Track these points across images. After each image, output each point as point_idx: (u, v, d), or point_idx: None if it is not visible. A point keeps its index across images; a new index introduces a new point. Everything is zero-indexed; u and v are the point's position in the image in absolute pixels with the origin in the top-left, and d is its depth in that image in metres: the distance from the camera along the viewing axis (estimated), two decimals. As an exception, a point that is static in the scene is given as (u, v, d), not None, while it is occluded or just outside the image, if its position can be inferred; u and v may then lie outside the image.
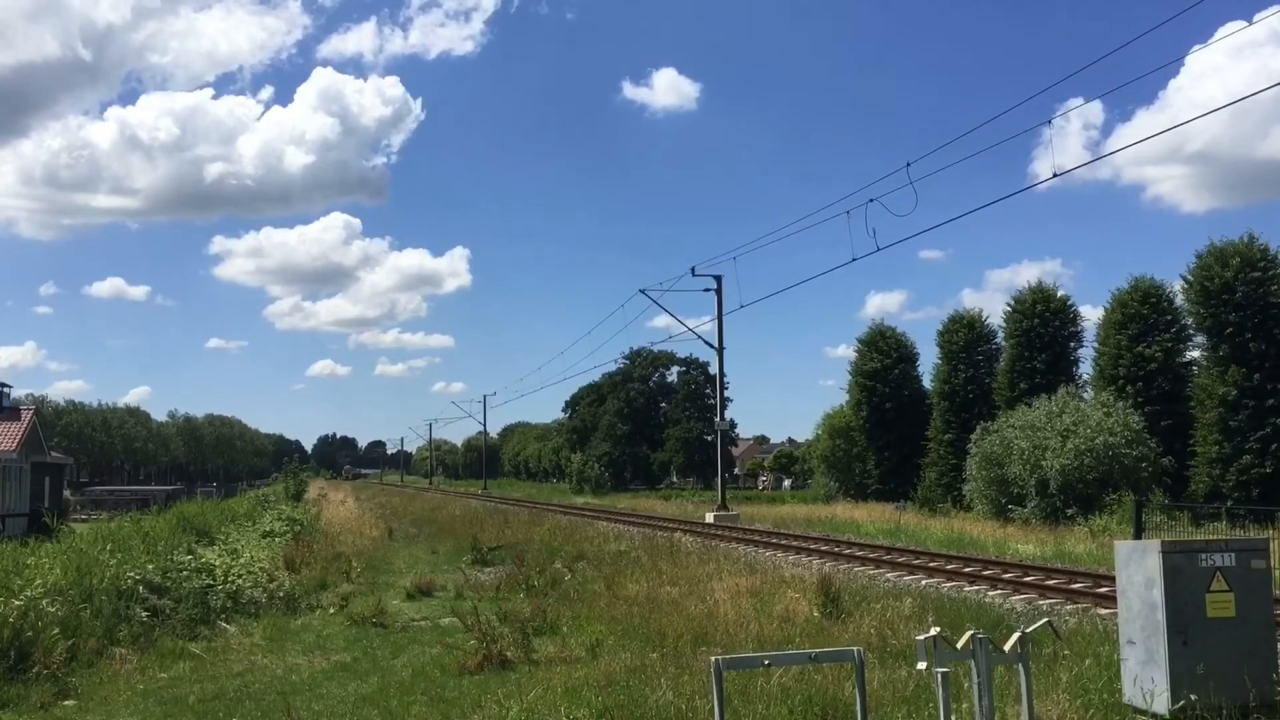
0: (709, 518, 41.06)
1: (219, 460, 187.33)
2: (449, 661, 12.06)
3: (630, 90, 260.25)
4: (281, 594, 18.03)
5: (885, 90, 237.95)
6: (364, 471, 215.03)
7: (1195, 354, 41.86)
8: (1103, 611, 14.49)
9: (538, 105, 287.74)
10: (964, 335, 51.96)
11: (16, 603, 12.92)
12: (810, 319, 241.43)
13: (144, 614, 14.97)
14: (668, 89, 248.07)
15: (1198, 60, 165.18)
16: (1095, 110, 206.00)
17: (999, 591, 17.83)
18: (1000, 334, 50.40)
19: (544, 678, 10.79)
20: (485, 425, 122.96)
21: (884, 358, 58.31)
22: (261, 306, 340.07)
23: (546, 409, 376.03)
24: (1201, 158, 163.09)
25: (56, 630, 12.77)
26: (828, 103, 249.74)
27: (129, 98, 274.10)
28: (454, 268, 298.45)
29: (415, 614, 17.02)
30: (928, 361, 56.88)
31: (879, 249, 26.85)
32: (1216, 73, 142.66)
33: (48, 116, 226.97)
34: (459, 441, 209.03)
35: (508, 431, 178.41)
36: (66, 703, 11.01)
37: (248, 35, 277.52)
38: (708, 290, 44.51)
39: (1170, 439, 39.14)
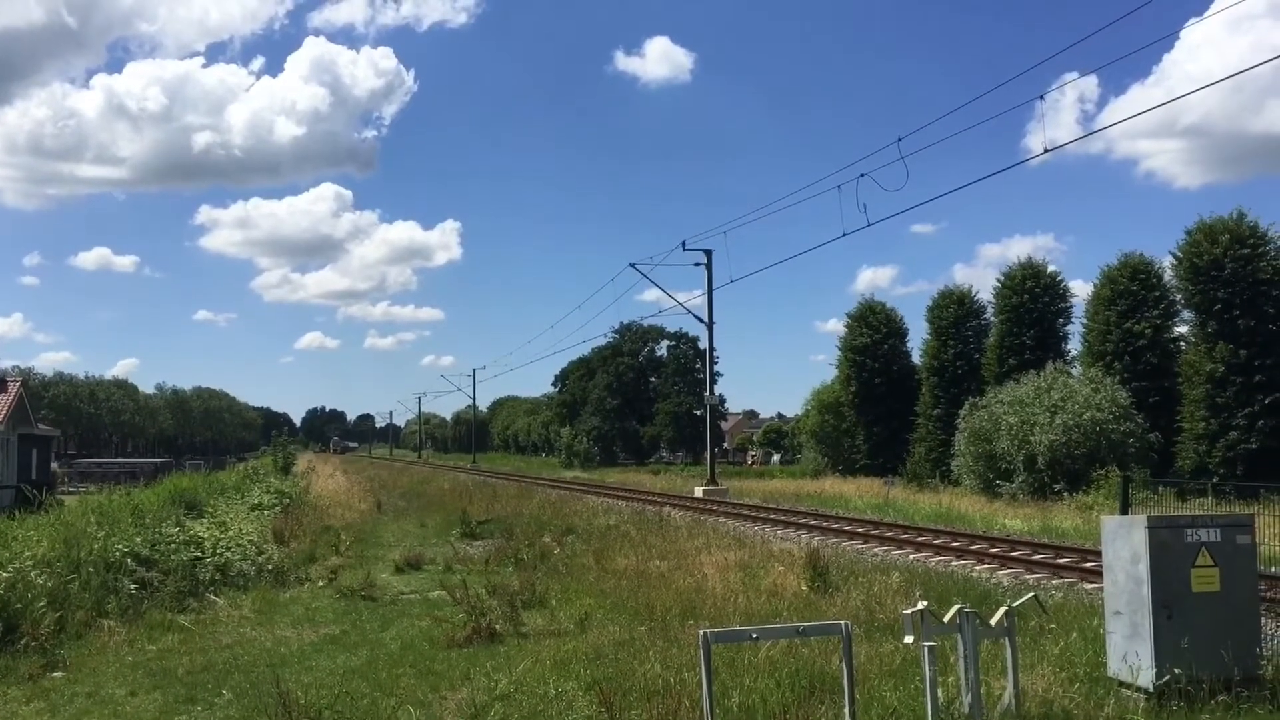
0: (698, 492, 41.18)
1: (207, 433, 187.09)
2: (438, 634, 12.08)
3: (623, 61, 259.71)
4: (270, 567, 18.02)
5: (878, 64, 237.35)
6: (351, 445, 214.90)
7: (1183, 330, 42.02)
8: (1089, 586, 14.60)
9: (530, 77, 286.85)
10: (954, 311, 52.01)
11: (4, 574, 12.89)
12: (801, 294, 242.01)
13: (132, 586, 14.93)
14: (660, 59, 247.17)
15: (1193, 33, 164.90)
16: (1090, 84, 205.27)
17: (986, 566, 17.93)
18: (990, 309, 50.50)
19: (533, 650, 10.82)
20: (474, 399, 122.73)
21: (874, 333, 58.32)
22: (249, 278, 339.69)
23: (536, 383, 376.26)
24: (1196, 131, 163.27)
25: (44, 602, 12.74)
26: (820, 76, 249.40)
27: (116, 66, 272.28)
28: (444, 240, 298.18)
29: (404, 587, 17.04)
30: (918, 337, 56.98)
31: (869, 224, 26.97)
32: (1212, 46, 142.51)
33: (32, 84, 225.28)
34: (448, 415, 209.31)
35: (497, 405, 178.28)
36: (55, 674, 11.00)
37: (239, 3, 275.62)
38: (698, 264, 44.54)
39: (1157, 415, 39.33)
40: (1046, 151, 22.33)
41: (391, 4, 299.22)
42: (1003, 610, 7.80)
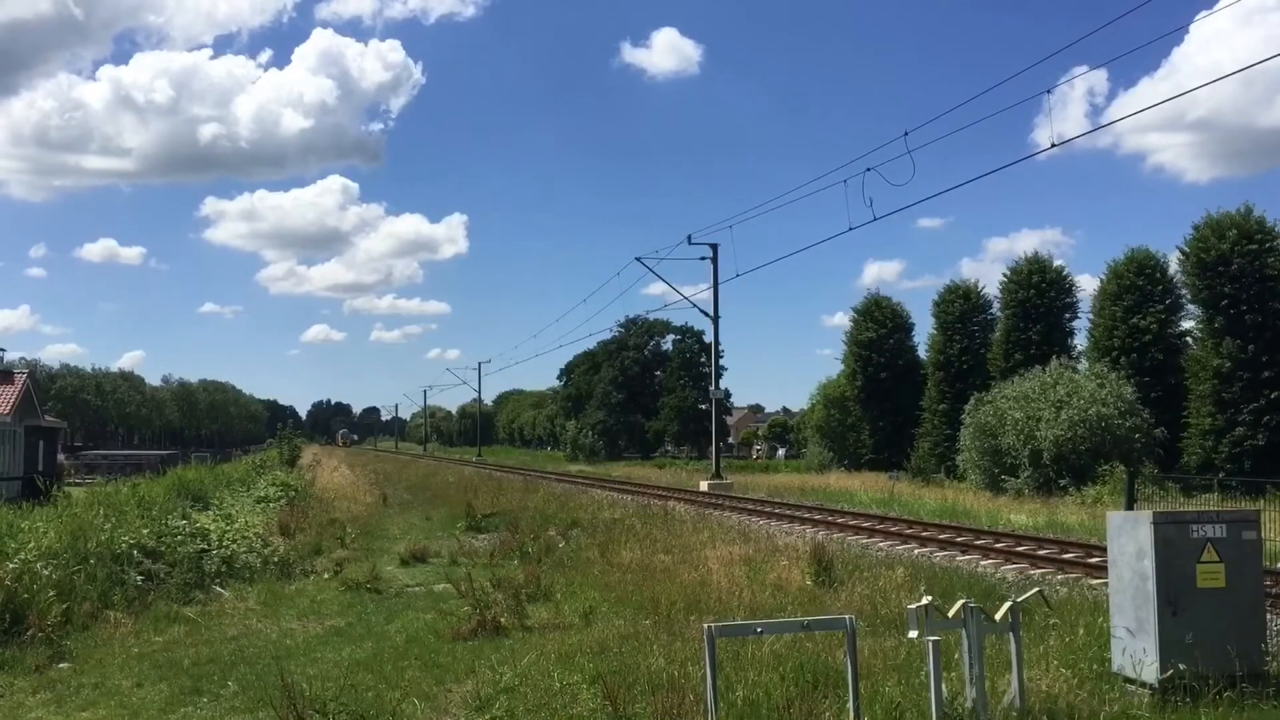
0: (703, 486, 41.18)
1: (213, 425, 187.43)
2: (443, 627, 12.10)
3: (629, 53, 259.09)
4: (276, 559, 18.04)
5: (885, 58, 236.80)
6: (354, 438, 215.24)
7: (1189, 325, 41.95)
8: (1094, 581, 14.57)
9: (537, 70, 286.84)
10: (960, 305, 51.97)
11: (10, 565, 12.91)
12: (807, 288, 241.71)
13: (138, 578, 14.96)
14: (668, 50, 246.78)
15: (1203, 27, 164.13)
16: (1098, 78, 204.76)
17: (991, 561, 17.91)
18: (996, 304, 50.45)
19: (537, 644, 10.84)
20: (480, 392, 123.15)
21: (880, 327, 58.30)
22: (255, 271, 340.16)
23: (541, 376, 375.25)
24: (1205, 125, 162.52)
25: (51, 593, 12.76)
26: (827, 70, 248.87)
27: (122, 57, 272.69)
28: (451, 234, 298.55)
29: (409, 580, 17.07)
30: (924, 331, 56.98)
31: (876, 218, 26.96)
32: (1222, 39, 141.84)
33: (38, 75, 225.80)
34: (454, 408, 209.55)
35: (502, 399, 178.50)
36: (61, 665, 11.03)
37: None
38: (703, 259, 44.50)
39: (1163, 411, 39.27)
40: (1054, 146, 22.37)
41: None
42: (1007, 605, 7.79)
